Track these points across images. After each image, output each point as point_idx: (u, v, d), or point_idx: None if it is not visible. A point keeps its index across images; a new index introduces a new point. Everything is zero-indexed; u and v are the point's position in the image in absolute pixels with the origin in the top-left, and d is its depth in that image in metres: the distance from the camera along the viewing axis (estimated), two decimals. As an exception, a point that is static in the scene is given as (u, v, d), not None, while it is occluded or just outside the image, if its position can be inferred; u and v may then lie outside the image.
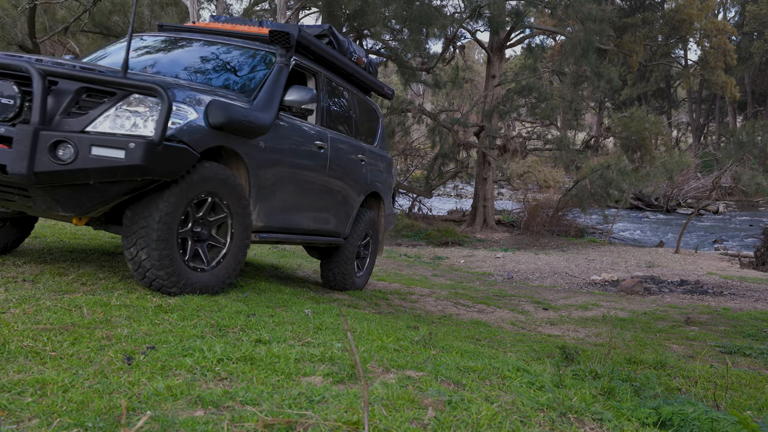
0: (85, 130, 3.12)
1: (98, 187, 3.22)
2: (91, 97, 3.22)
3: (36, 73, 3.01)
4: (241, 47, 4.66)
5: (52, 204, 3.26)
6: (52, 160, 3.03)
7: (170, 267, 3.33)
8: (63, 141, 3.05)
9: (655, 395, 2.55)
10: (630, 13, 30.01)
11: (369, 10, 13.98)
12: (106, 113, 3.16)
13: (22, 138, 2.99)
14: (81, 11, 10.37)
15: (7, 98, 3.08)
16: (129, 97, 3.20)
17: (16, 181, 3.10)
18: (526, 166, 23.54)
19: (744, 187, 17.62)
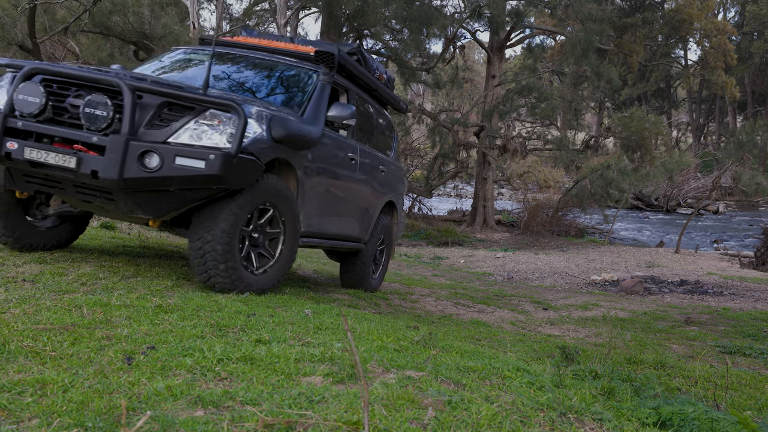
0: (167, 141, 3.43)
1: (177, 193, 3.55)
2: (171, 110, 3.51)
3: (127, 89, 3.33)
4: (285, 64, 4.98)
5: (133, 207, 3.57)
6: (140, 168, 3.34)
7: (231, 268, 3.63)
8: (150, 151, 3.36)
9: (655, 395, 2.55)
10: (630, 13, 30.01)
11: (369, 10, 13.98)
12: (186, 126, 3.47)
13: (114, 147, 3.31)
14: (81, 11, 10.36)
15: (101, 110, 3.37)
16: (206, 111, 3.49)
17: (104, 186, 3.41)
18: (526, 166, 23.54)
19: (744, 187, 17.62)
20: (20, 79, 3.50)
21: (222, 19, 18.15)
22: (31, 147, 3.41)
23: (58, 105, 3.51)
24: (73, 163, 3.35)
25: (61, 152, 3.37)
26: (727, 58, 29.10)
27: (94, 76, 3.43)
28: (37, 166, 3.44)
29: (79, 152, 3.36)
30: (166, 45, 12.25)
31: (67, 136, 3.42)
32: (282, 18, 15.85)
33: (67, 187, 3.58)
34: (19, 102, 3.45)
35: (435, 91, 24.29)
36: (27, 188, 3.76)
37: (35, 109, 3.45)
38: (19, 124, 3.45)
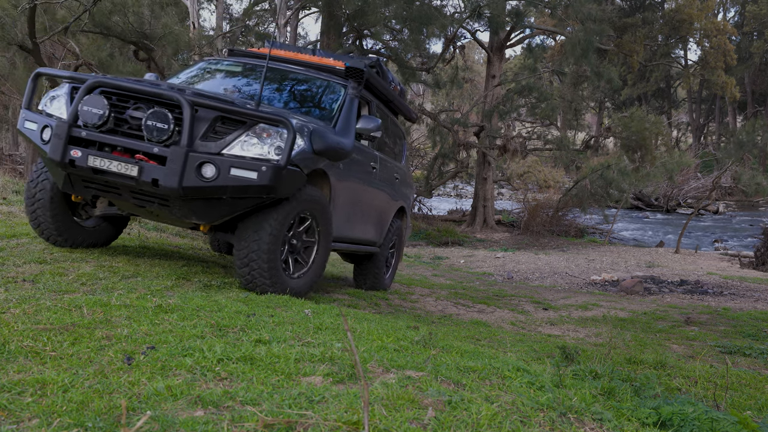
0: (221, 152, 3.67)
1: (229, 201, 3.81)
2: (224, 124, 3.75)
3: (186, 104, 3.57)
4: (315, 77, 5.26)
5: (187, 213, 3.82)
6: (198, 178, 3.59)
7: (273, 272, 3.91)
8: (207, 162, 3.61)
9: (655, 395, 2.55)
10: (630, 13, 30.01)
11: (369, 10, 13.98)
12: (238, 138, 3.70)
13: (175, 158, 3.55)
14: (81, 11, 10.36)
15: (163, 123, 3.61)
16: (257, 125, 3.73)
17: (163, 193, 3.64)
18: (526, 166, 23.54)
19: (744, 187, 17.62)
20: (84, 91, 3.72)
21: (222, 19, 18.15)
22: (95, 155, 3.65)
23: (118, 116, 3.74)
24: (135, 172, 3.59)
25: (124, 161, 3.61)
26: (727, 58, 29.09)
27: (155, 90, 3.67)
28: (99, 173, 3.67)
29: (141, 162, 3.60)
30: (166, 45, 12.26)
31: (130, 146, 3.66)
32: (282, 18, 15.86)
33: (124, 193, 3.81)
34: (84, 113, 3.68)
35: (435, 91, 24.29)
36: (85, 193, 3.99)
37: (99, 120, 3.67)
38: (83, 134, 3.69)
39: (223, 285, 4.01)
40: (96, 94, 3.73)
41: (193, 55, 13.65)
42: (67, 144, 3.67)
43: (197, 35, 13.52)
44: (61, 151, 3.66)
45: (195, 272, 4.24)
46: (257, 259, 3.86)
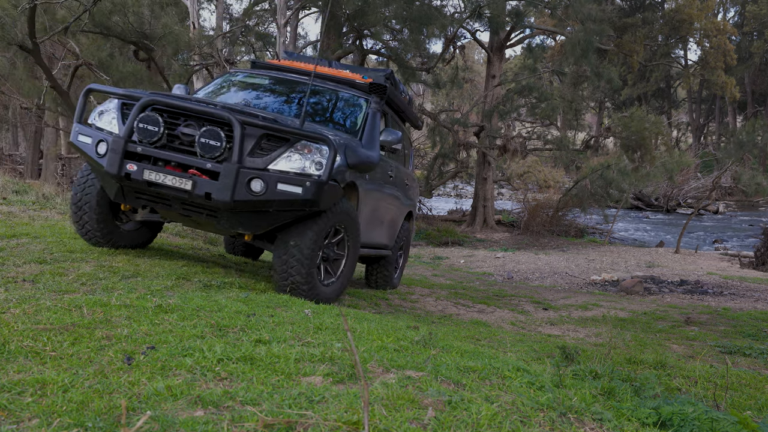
0: (267, 168, 3.90)
1: (273, 213, 4.05)
2: (270, 141, 3.98)
3: (237, 123, 3.80)
4: (338, 90, 5.50)
5: (234, 224, 4.09)
6: (248, 192, 3.83)
7: (311, 279, 4.18)
8: (257, 177, 3.84)
9: (655, 395, 2.55)
10: (630, 13, 30.00)
11: (369, 10, 13.97)
12: (283, 155, 3.94)
13: (227, 173, 3.79)
14: (81, 11, 10.36)
15: (215, 141, 3.85)
16: (299, 142, 3.97)
17: (213, 205, 3.90)
18: (526, 166, 23.54)
19: (744, 187, 17.62)
20: (139, 108, 3.97)
21: (222, 19, 18.14)
22: (150, 169, 3.89)
23: (170, 132, 3.98)
24: (188, 186, 3.84)
25: (178, 176, 3.86)
26: (727, 58, 29.09)
27: (208, 110, 3.91)
28: (153, 186, 3.91)
29: (194, 176, 3.84)
30: (166, 45, 12.25)
31: (183, 162, 3.90)
32: (282, 18, 15.85)
33: (174, 205, 4.07)
34: (140, 129, 3.93)
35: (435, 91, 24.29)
36: (135, 203, 4.25)
37: (154, 137, 3.92)
38: (139, 149, 3.93)
39: (223, 285, 4.01)
40: (153, 112, 3.98)
41: (193, 55, 13.64)
42: (123, 158, 3.91)
43: (197, 35, 13.51)
44: (117, 165, 3.90)
45: (195, 272, 4.24)
46: (297, 266, 4.11)
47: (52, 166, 20.00)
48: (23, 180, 12.00)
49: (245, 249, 6.85)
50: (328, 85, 5.50)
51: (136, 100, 4.06)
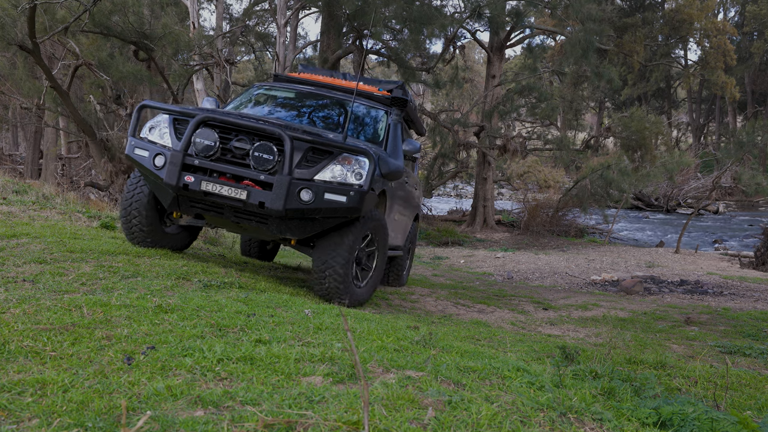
0: (313, 179, 4.25)
1: (319, 220, 4.40)
2: (315, 153, 4.34)
3: (288, 139, 4.16)
4: (360, 103, 5.87)
5: (283, 230, 4.42)
6: (298, 201, 4.18)
7: (347, 282, 4.50)
8: (306, 187, 4.19)
9: (655, 395, 2.55)
10: (630, 13, 30.00)
11: (369, 10, 13.98)
12: (327, 166, 4.28)
13: (280, 184, 4.15)
14: (81, 11, 10.36)
15: (268, 155, 4.21)
16: (341, 155, 4.32)
17: (266, 213, 4.25)
18: (526, 166, 23.55)
19: (744, 187, 17.62)
20: (196, 125, 4.30)
21: (222, 18, 18.14)
22: (207, 180, 4.23)
23: (224, 146, 4.31)
24: (243, 195, 4.18)
25: (233, 186, 4.20)
26: (727, 58, 29.09)
27: (261, 126, 4.24)
28: (209, 195, 4.25)
29: (249, 187, 4.19)
30: (166, 45, 12.25)
31: (238, 174, 4.24)
32: (282, 18, 15.85)
33: (226, 212, 4.41)
34: (197, 144, 4.28)
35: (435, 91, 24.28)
36: (190, 212, 4.58)
37: (210, 151, 4.27)
38: (196, 162, 4.27)
39: (223, 285, 4.01)
40: (208, 128, 4.32)
41: (193, 55, 13.64)
42: (181, 170, 4.25)
43: (197, 35, 13.51)
44: (176, 176, 4.24)
45: (195, 272, 4.24)
46: (334, 270, 4.46)
47: (52, 166, 20.00)
48: (23, 180, 12.00)
49: (260, 251, 7.21)
50: (347, 97, 5.88)
51: (188, 116, 4.42)
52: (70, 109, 12.12)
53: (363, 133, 5.61)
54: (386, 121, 5.74)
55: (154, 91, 14.57)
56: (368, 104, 5.87)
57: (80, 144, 20.70)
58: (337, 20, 15.27)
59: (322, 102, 5.85)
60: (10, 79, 15.48)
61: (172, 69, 14.04)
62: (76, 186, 15.83)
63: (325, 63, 15.64)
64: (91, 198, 13.20)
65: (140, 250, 4.76)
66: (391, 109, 5.82)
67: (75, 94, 17.38)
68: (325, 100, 5.84)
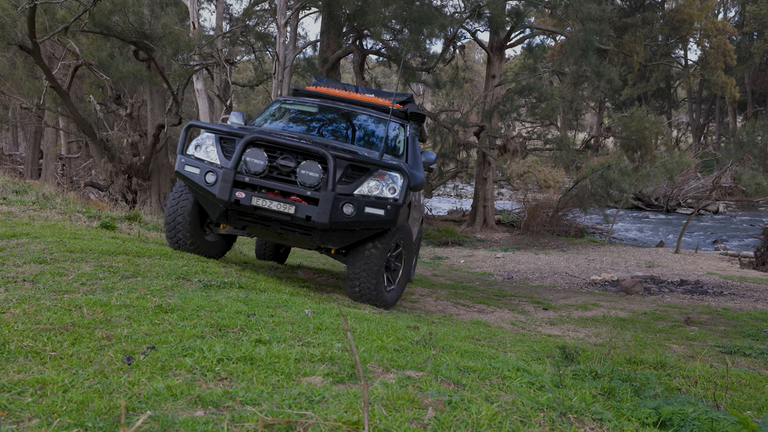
0: (353, 193, 4.64)
1: (358, 231, 4.80)
2: (353, 170, 4.73)
3: (331, 158, 4.55)
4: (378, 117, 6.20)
5: (324, 241, 4.82)
6: (341, 215, 4.58)
7: (378, 286, 4.92)
8: (349, 202, 4.59)
9: (655, 395, 2.55)
10: (630, 13, 30.00)
11: (369, 10, 13.97)
12: (365, 182, 4.68)
13: (326, 200, 4.54)
14: (81, 11, 10.35)
15: (314, 173, 4.58)
16: (377, 171, 4.72)
17: (311, 226, 4.63)
18: (526, 166, 23.54)
19: (744, 187, 17.61)
20: (245, 145, 4.66)
21: (222, 18, 18.14)
22: (257, 196, 4.60)
23: (270, 164, 4.67)
24: (292, 210, 4.56)
25: (282, 201, 4.58)
26: (727, 58, 29.08)
27: (307, 146, 4.61)
28: (258, 210, 4.62)
29: (296, 202, 4.57)
30: (166, 45, 12.25)
31: (286, 190, 4.62)
32: (282, 18, 15.85)
33: (273, 225, 4.78)
34: (247, 163, 4.64)
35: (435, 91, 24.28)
36: (238, 224, 4.93)
37: (260, 169, 4.64)
38: (246, 179, 4.64)
39: (223, 285, 4.00)
40: (254, 147, 4.66)
41: (193, 55, 13.64)
42: (233, 187, 4.61)
43: (197, 35, 13.51)
44: (228, 192, 4.60)
45: (195, 272, 4.24)
46: (367, 276, 4.87)
47: (52, 166, 20.00)
48: (23, 180, 12.00)
49: (274, 254, 7.59)
50: (372, 113, 6.23)
51: (234, 136, 4.78)
52: (70, 109, 12.12)
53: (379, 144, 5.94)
54: (404, 135, 6.09)
55: (154, 91, 14.56)
56: (386, 118, 6.18)
57: (80, 144, 20.70)
58: (337, 20, 15.27)
59: (347, 117, 6.26)
60: (10, 79, 15.48)
61: (172, 69, 14.04)
62: (76, 186, 15.83)
63: (325, 63, 15.64)
64: (91, 198, 13.20)
65: (140, 250, 4.76)
66: (408, 123, 6.17)
67: (75, 94, 17.37)
68: (350, 116, 6.25)
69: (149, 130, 14.13)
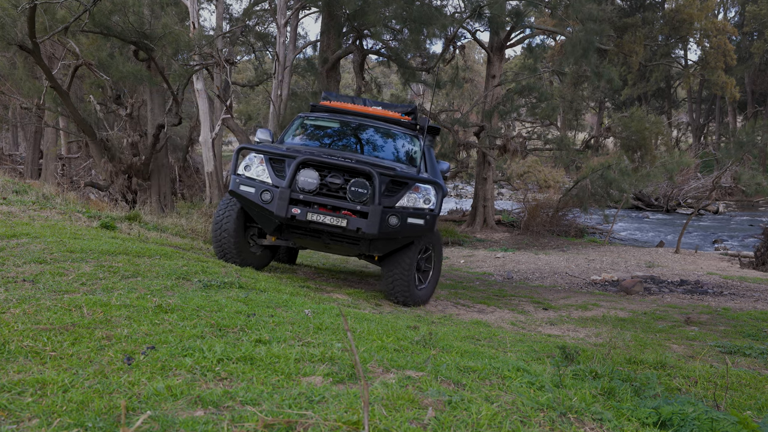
0: (395, 206, 5.22)
1: (400, 239, 5.37)
2: (394, 184, 5.30)
3: (377, 175, 5.12)
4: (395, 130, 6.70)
5: (369, 249, 5.39)
6: (387, 226, 5.14)
7: (410, 286, 5.54)
8: (394, 214, 5.16)
9: (655, 395, 2.55)
10: (630, 13, 29.99)
11: (369, 10, 13.97)
12: (404, 196, 5.28)
13: (374, 213, 5.09)
14: (81, 11, 10.35)
15: (363, 189, 5.12)
16: (414, 185, 5.33)
17: (361, 236, 5.17)
18: (526, 166, 23.52)
19: (744, 187, 17.61)
20: (298, 166, 5.16)
21: (222, 18, 18.14)
22: (311, 212, 5.10)
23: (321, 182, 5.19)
24: (344, 223, 5.09)
25: (335, 216, 5.09)
26: (727, 58, 29.06)
27: (354, 165, 5.15)
28: (312, 224, 5.12)
29: (347, 216, 5.10)
30: (166, 45, 12.24)
31: (337, 205, 5.14)
32: (282, 18, 15.85)
33: (323, 237, 5.32)
34: (301, 182, 5.14)
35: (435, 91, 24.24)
36: (290, 237, 5.45)
37: (313, 187, 5.15)
38: (301, 197, 5.14)
39: (223, 285, 4.00)
40: (306, 168, 5.16)
41: (193, 55, 13.64)
42: (289, 204, 5.10)
43: (197, 35, 13.51)
44: (285, 209, 5.09)
45: (195, 272, 4.24)
46: (400, 278, 5.46)
47: (52, 166, 20.00)
48: (23, 180, 12.00)
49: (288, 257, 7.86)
50: (392, 127, 6.73)
51: (283, 157, 5.29)
52: (70, 109, 12.12)
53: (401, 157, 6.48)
54: (419, 146, 6.58)
55: (154, 91, 14.56)
56: (402, 131, 6.73)
57: (80, 144, 20.70)
58: (337, 20, 15.27)
59: (368, 132, 6.73)
60: (10, 79, 15.48)
61: (172, 69, 14.03)
62: (76, 186, 15.83)
63: (325, 63, 15.63)
64: (91, 198, 13.20)
65: (140, 250, 4.76)
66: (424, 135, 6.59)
67: (75, 94, 17.37)
68: (369, 129, 6.72)
69: (149, 130, 14.13)
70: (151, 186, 14.21)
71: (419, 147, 6.58)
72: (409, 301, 5.56)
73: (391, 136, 6.67)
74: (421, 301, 5.75)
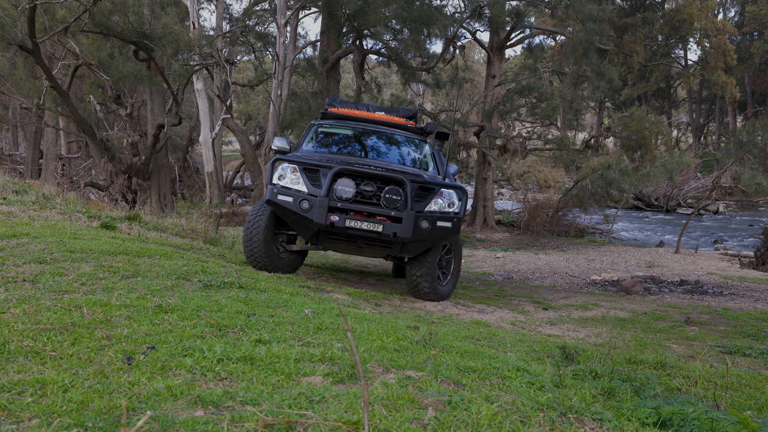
0: (424, 210, 5.57)
1: (429, 241, 5.71)
2: (422, 190, 5.66)
3: (409, 183, 5.47)
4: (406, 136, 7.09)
5: (402, 251, 5.72)
6: (419, 229, 5.49)
7: (433, 283, 5.96)
8: (425, 219, 5.50)
9: (655, 395, 2.55)
10: (630, 13, 29.98)
11: (369, 10, 13.97)
12: (432, 201, 5.64)
13: (408, 218, 5.42)
14: (81, 11, 10.35)
15: (396, 196, 5.45)
16: (440, 190, 5.69)
17: (396, 240, 5.48)
18: (526, 166, 23.52)
19: (744, 187, 17.60)
20: (335, 176, 5.44)
21: (222, 18, 18.14)
22: (349, 219, 5.38)
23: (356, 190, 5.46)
24: (380, 228, 5.39)
25: (371, 222, 5.39)
26: (727, 58, 29.05)
27: (387, 174, 5.47)
28: (350, 230, 5.39)
29: (383, 221, 5.40)
30: (166, 45, 12.25)
31: (372, 212, 5.44)
32: (282, 18, 15.84)
33: (358, 241, 5.60)
34: (339, 190, 5.43)
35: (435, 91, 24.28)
36: (326, 242, 5.71)
37: (350, 196, 5.43)
38: (339, 205, 5.42)
39: (223, 285, 4.00)
40: (342, 177, 5.43)
41: (193, 55, 13.64)
42: (327, 212, 5.36)
43: (197, 35, 13.51)
44: (324, 217, 5.36)
45: (195, 272, 4.24)
46: (424, 276, 5.85)
47: (52, 166, 20.00)
48: (23, 180, 11.99)
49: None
50: (400, 133, 7.08)
51: (319, 167, 5.55)
52: (70, 109, 12.12)
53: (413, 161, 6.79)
54: (428, 151, 6.96)
55: (154, 91, 14.56)
56: (411, 136, 7.03)
57: (80, 144, 20.70)
58: (337, 20, 15.27)
59: (380, 138, 7.06)
60: (10, 79, 15.48)
61: (172, 69, 14.03)
62: (76, 186, 15.83)
63: (325, 63, 15.64)
64: (91, 198, 13.20)
65: (140, 250, 4.76)
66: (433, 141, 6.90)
67: (75, 94, 17.37)
68: (382, 136, 7.05)
69: (149, 130, 14.13)
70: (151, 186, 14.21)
71: (428, 152, 6.95)
72: (433, 296, 5.95)
73: (403, 143, 7.03)
74: (445, 296, 6.11)
